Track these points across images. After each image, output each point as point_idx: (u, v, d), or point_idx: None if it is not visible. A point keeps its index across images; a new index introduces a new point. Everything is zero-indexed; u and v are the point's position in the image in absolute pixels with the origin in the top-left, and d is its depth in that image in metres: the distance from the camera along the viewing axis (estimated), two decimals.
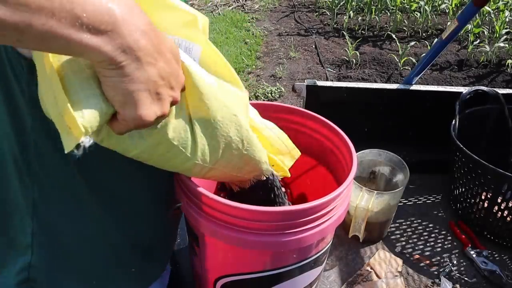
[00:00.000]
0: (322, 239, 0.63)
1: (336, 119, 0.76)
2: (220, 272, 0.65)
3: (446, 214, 1.11)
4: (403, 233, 1.05)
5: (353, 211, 0.94)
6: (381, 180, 1.05)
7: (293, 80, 3.04)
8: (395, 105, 1.17)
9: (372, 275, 0.92)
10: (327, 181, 0.79)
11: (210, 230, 0.58)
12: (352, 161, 0.66)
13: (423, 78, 3.16)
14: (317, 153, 0.81)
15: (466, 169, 0.99)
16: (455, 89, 1.17)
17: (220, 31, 3.92)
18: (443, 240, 1.03)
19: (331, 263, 0.95)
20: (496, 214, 0.97)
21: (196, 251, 0.68)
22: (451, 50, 3.53)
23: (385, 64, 3.31)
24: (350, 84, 1.15)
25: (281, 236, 0.55)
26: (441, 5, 4.21)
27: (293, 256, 0.61)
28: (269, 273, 0.62)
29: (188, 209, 0.59)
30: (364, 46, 3.60)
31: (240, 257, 0.62)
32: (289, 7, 4.70)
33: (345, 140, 0.71)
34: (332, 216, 0.60)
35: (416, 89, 1.16)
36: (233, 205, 0.54)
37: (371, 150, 1.01)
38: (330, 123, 0.76)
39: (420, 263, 0.96)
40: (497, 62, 3.37)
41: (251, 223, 0.55)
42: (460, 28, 1.05)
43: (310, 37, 3.83)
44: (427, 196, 1.18)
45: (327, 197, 0.56)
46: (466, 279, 0.93)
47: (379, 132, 1.16)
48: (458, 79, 3.21)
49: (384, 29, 3.98)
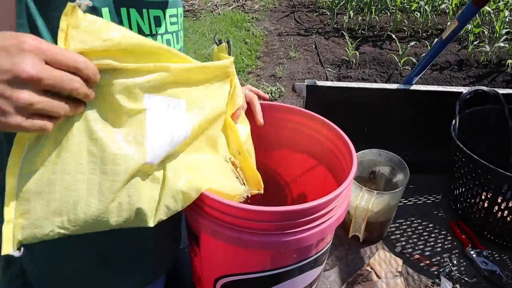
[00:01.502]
0: (322, 239, 0.63)
1: (336, 119, 0.76)
2: (220, 272, 0.65)
3: (446, 214, 1.12)
4: (403, 233, 1.05)
5: (353, 211, 0.94)
6: (381, 180, 1.05)
7: (293, 80, 3.04)
8: (395, 105, 1.17)
9: (372, 275, 0.92)
10: (327, 181, 0.79)
11: (210, 230, 0.58)
12: (352, 161, 0.66)
13: (423, 78, 3.16)
14: (317, 153, 0.81)
15: (466, 169, 0.99)
16: (455, 89, 1.17)
17: (220, 31, 3.92)
18: (443, 240, 1.03)
19: (331, 263, 0.95)
20: (496, 214, 0.97)
21: (196, 251, 0.68)
22: (451, 50, 3.53)
23: (385, 64, 3.32)
24: (350, 84, 1.15)
25: (281, 236, 0.55)
26: (441, 5, 4.21)
27: (293, 256, 0.61)
28: (269, 273, 0.62)
29: (188, 209, 0.60)
30: (364, 46, 3.61)
31: (240, 257, 0.62)
32: (289, 7, 4.70)
33: (345, 140, 0.71)
34: (332, 216, 0.60)
35: (416, 89, 1.16)
36: (233, 205, 0.54)
37: (371, 150, 1.01)
38: (330, 123, 0.76)
39: (420, 263, 0.96)
40: (497, 62, 3.38)
41: (251, 223, 0.55)
42: (460, 28, 1.05)
43: (310, 37, 3.83)
44: (427, 196, 1.18)
45: (327, 197, 0.56)
46: (466, 279, 0.93)
47: (379, 132, 1.16)
48: (458, 79, 3.21)
49: (384, 29, 3.98)
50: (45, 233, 0.43)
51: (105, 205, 0.46)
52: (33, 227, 0.42)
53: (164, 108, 0.51)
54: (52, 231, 0.44)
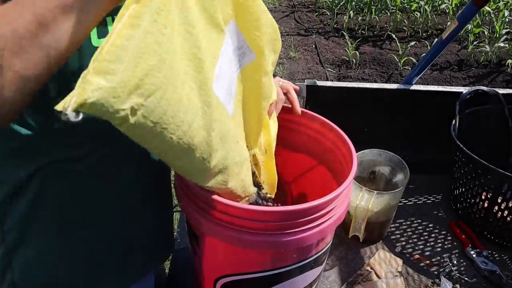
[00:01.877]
0: (322, 239, 0.63)
1: (336, 119, 0.76)
2: (220, 272, 0.65)
3: (446, 214, 1.11)
4: (403, 233, 1.05)
5: (353, 211, 0.94)
6: (381, 180, 1.05)
7: (293, 80, 3.04)
8: (395, 105, 1.17)
9: (372, 275, 0.92)
10: (327, 181, 0.79)
11: (210, 230, 0.58)
12: (352, 161, 0.66)
13: (423, 78, 3.16)
14: (317, 153, 0.81)
15: (466, 169, 0.99)
16: (455, 89, 1.17)
17: None
18: (443, 240, 1.03)
19: (331, 263, 0.95)
20: (496, 214, 0.97)
21: (196, 251, 0.68)
22: (451, 50, 3.53)
23: (385, 64, 3.32)
24: (350, 84, 1.15)
25: (281, 236, 0.55)
26: (441, 5, 4.21)
27: (293, 256, 0.61)
28: (269, 273, 0.62)
29: (188, 209, 0.60)
30: (364, 46, 3.61)
31: (240, 257, 0.62)
32: (289, 7, 4.70)
33: (345, 140, 0.71)
34: (332, 216, 0.60)
35: (416, 89, 1.16)
36: (233, 205, 0.54)
37: (371, 150, 1.01)
38: (330, 123, 0.76)
39: (420, 263, 0.96)
40: (497, 62, 3.38)
41: (251, 223, 0.55)
42: (460, 28, 1.05)
43: (310, 37, 3.83)
44: (427, 196, 1.18)
45: (327, 197, 0.56)
46: (466, 279, 0.93)
47: (379, 132, 1.16)
48: (458, 79, 3.22)
49: (384, 29, 3.98)
50: (117, 108, 0.34)
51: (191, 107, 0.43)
52: (112, 94, 0.33)
53: (233, 48, 0.52)
54: (126, 110, 0.35)
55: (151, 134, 0.39)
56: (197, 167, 0.49)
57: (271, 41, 0.63)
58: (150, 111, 0.37)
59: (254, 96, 0.64)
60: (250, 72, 0.61)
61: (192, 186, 0.56)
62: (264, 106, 0.66)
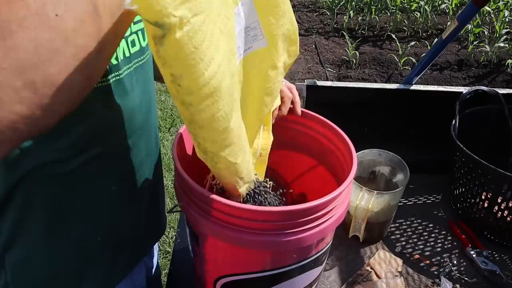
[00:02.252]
0: (322, 239, 0.63)
1: (336, 119, 0.76)
2: (220, 272, 0.65)
3: (446, 214, 1.11)
4: (403, 233, 1.05)
5: (353, 211, 0.94)
6: (381, 180, 1.05)
7: (293, 80, 3.03)
8: (395, 105, 1.17)
9: (372, 275, 0.92)
10: (327, 181, 0.79)
11: (210, 230, 0.58)
12: (352, 161, 0.66)
13: (423, 78, 3.16)
14: (317, 153, 0.81)
15: (466, 169, 0.99)
16: (455, 89, 1.17)
17: None
18: (443, 240, 1.03)
19: (331, 263, 0.95)
20: (496, 214, 0.97)
21: (196, 251, 0.68)
22: (451, 50, 3.53)
23: (385, 64, 3.32)
24: (350, 84, 1.15)
25: (281, 236, 0.55)
26: (441, 5, 4.21)
27: (293, 256, 0.61)
28: (269, 273, 0.62)
29: (188, 209, 0.60)
30: (364, 46, 3.61)
31: (240, 257, 0.62)
32: None
33: (345, 140, 0.71)
34: (332, 216, 0.60)
35: (416, 89, 1.16)
36: (233, 205, 0.54)
37: (371, 150, 1.01)
38: (330, 123, 0.76)
39: (420, 263, 0.96)
40: (497, 62, 3.38)
41: (251, 223, 0.55)
42: (460, 28, 1.05)
43: (310, 37, 3.83)
44: (427, 196, 1.18)
45: (327, 197, 0.56)
46: (466, 279, 0.93)
47: (379, 132, 1.16)
48: (458, 79, 3.22)
49: (384, 29, 3.98)
50: (170, 12, 0.33)
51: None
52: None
53: (245, 26, 0.51)
54: (176, 18, 0.34)
55: (187, 61, 0.38)
56: (218, 123, 0.46)
57: (287, 39, 0.60)
58: (194, 32, 0.36)
59: (256, 87, 0.60)
60: (257, 59, 0.58)
61: (192, 186, 0.56)
62: (266, 102, 0.63)
